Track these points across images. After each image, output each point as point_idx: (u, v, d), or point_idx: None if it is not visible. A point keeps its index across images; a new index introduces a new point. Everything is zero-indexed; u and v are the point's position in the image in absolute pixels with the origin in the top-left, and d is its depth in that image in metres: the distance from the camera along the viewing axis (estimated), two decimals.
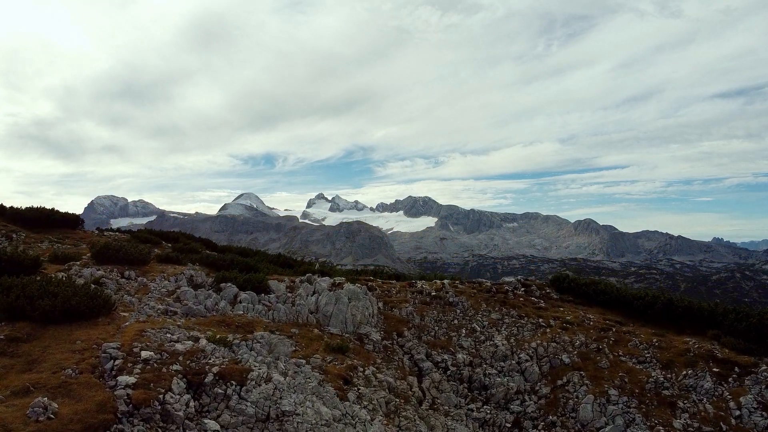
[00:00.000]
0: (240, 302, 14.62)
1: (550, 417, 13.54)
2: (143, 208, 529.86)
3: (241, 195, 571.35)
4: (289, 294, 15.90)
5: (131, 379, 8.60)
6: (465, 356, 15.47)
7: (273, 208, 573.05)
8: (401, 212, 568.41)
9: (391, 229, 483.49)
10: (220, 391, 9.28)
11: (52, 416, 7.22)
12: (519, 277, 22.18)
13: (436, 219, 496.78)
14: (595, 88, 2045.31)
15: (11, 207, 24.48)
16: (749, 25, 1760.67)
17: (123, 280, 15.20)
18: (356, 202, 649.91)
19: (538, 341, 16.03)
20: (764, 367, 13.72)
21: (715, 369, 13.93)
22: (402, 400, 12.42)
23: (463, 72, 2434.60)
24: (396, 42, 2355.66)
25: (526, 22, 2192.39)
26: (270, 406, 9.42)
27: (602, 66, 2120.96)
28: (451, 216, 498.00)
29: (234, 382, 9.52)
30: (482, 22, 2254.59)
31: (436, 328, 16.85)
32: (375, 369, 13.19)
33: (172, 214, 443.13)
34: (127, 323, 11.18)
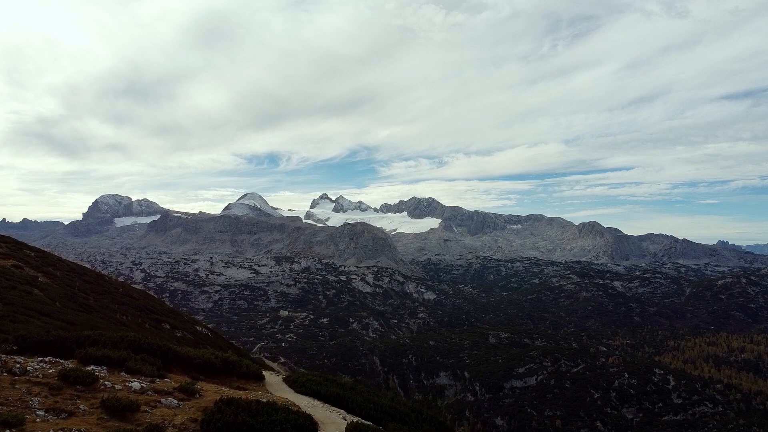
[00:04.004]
0: None
1: None
2: (147, 207, 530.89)
3: (245, 195, 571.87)
4: None
5: None
6: None
7: (276, 208, 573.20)
8: (405, 213, 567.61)
9: (395, 230, 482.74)
10: None
11: None
12: None
13: (439, 220, 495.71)
14: (600, 89, 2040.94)
15: None
16: (757, 26, 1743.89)
17: None
18: (360, 202, 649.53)
19: None
20: None
21: None
22: None
23: (468, 72, 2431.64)
24: (400, 41, 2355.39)
25: (531, 22, 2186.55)
26: None
27: (608, 67, 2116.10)
28: (455, 217, 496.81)
29: None
30: (487, 22, 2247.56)
31: None
32: None
33: (175, 214, 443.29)
34: None
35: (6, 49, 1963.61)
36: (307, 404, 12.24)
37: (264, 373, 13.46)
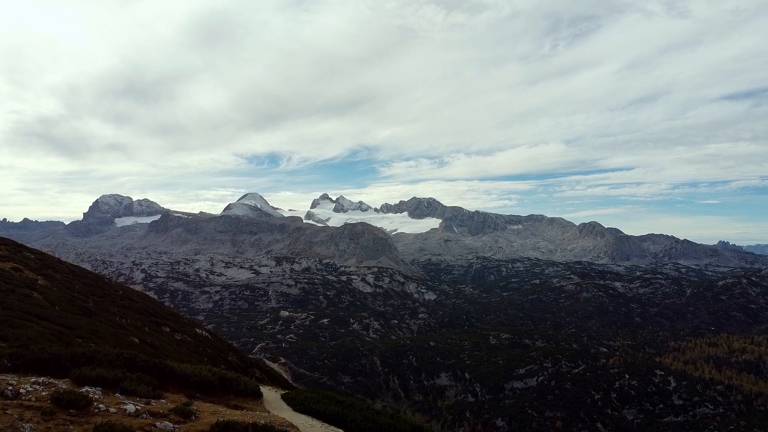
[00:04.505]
0: None
1: None
2: (148, 207, 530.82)
3: (246, 195, 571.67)
4: None
5: None
6: None
7: (277, 208, 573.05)
8: (405, 213, 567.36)
9: (395, 230, 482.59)
10: None
11: None
12: None
13: (440, 220, 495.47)
14: (601, 89, 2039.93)
15: None
16: (758, 26, 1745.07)
17: None
18: (360, 202, 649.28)
19: None
20: None
21: None
22: None
23: (468, 72, 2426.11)
24: (400, 41, 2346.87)
25: (531, 22, 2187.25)
26: None
27: (608, 67, 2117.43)
28: (455, 218, 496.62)
29: None
30: (487, 22, 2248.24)
31: None
32: None
33: (176, 214, 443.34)
34: None
35: (6, 49, 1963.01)
36: (306, 424, 11.99)
37: (262, 389, 13.24)
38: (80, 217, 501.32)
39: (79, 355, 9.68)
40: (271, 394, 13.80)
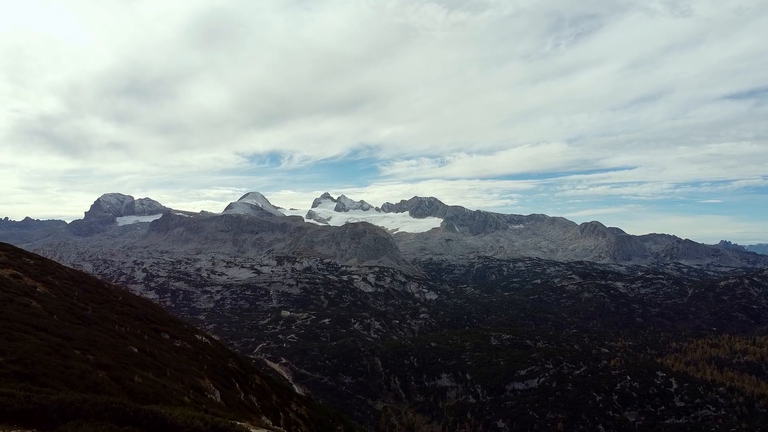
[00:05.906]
0: None
1: None
2: (149, 206, 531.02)
3: (247, 194, 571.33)
4: None
5: None
6: None
7: (278, 208, 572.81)
8: (407, 213, 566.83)
9: (397, 229, 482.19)
10: None
11: None
12: None
13: (441, 220, 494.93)
14: (603, 89, 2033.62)
15: None
16: (760, 26, 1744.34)
17: None
18: (362, 201, 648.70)
19: None
20: None
21: None
22: None
23: (469, 71, 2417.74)
24: (401, 40, 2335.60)
25: (533, 21, 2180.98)
26: None
27: (610, 66, 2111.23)
28: (456, 217, 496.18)
29: None
30: (489, 20, 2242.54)
31: None
32: None
33: (177, 213, 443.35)
34: None
35: (7, 49, 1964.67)
36: None
37: None
38: (82, 215, 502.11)
39: (67, 405, 9.31)
40: None
